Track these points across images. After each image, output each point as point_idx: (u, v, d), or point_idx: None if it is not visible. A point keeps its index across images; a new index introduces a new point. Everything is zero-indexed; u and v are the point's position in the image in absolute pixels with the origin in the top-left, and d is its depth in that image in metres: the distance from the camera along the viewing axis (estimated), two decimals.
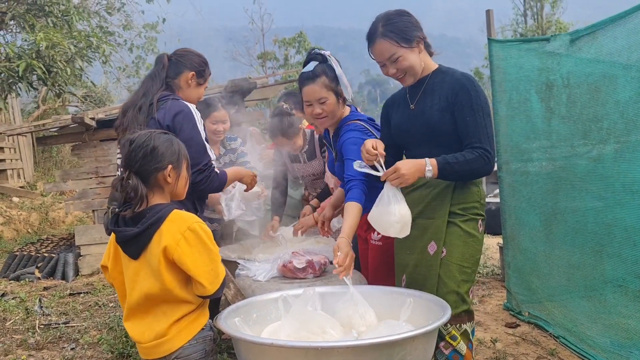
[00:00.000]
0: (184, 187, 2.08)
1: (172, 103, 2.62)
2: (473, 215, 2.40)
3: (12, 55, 6.81)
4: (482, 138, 2.29)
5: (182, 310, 1.97)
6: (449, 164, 2.26)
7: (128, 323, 2.01)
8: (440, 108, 2.36)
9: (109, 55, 9.43)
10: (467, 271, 2.37)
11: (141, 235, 1.91)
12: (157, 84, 2.70)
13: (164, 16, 14.70)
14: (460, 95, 2.32)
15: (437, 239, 2.39)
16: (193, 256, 1.89)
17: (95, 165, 6.97)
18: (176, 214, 1.95)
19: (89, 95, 15.00)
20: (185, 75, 2.76)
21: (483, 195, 2.46)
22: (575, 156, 3.60)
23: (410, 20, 2.40)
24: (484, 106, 2.32)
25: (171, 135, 2.07)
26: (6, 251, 7.99)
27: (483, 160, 2.27)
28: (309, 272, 2.66)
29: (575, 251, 3.56)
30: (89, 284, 6.22)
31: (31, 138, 12.52)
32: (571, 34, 3.61)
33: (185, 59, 2.78)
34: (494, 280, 5.38)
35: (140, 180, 1.93)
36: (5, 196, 10.61)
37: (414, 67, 2.40)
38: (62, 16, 8.31)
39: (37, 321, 4.73)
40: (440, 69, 2.47)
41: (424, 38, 2.42)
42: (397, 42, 2.35)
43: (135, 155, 1.93)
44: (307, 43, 22.28)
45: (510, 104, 4.21)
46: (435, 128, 2.38)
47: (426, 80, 2.44)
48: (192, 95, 2.81)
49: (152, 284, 1.92)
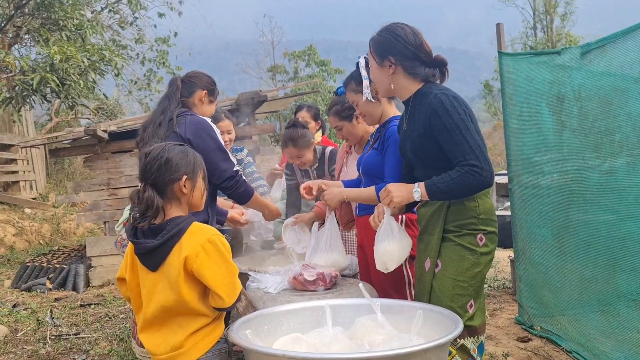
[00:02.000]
0: (201, 198, 2.09)
1: (191, 118, 2.84)
2: (469, 231, 2.36)
3: (27, 69, 6.91)
4: (466, 154, 2.21)
5: (198, 323, 1.97)
6: (435, 185, 2.26)
7: (143, 335, 2.01)
8: (419, 134, 2.35)
9: (121, 68, 9.53)
10: (463, 285, 2.34)
11: (161, 248, 1.92)
12: (174, 102, 2.92)
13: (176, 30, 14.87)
14: (433, 120, 2.28)
15: (431, 256, 2.42)
16: (212, 268, 1.90)
17: (107, 177, 7.03)
18: (196, 226, 1.96)
19: (101, 108, 15.16)
20: (199, 94, 2.99)
21: (486, 209, 2.38)
22: (587, 169, 3.59)
23: (389, 40, 2.39)
24: (459, 122, 2.23)
25: (186, 146, 2.08)
26: (18, 262, 8.05)
27: (471, 175, 2.20)
28: (319, 284, 2.65)
29: (588, 264, 3.53)
30: (100, 295, 6.25)
31: (44, 150, 12.65)
32: (582, 47, 3.61)
33: (197, 80, 3.02)
34: (505, 294, 5.34)
35: (156, 192, 1.94)
36: (18, 207, 10.71)
37: (375, 82, 2.51)
38: (76, 30, 8.44)
39: (48, 332, 4.75)
40: (420, 90, 2.41)
41: (396, 63, 2.38)
42: (371, 53, 2.45)
43: (151, 167, 1.96)
44: (316, 56, 22.42)
45: (521, 117, 4.20)
46: (420, 152, 2.39)
47: (410, 102, 2.44)
48: (206, 111, 3.04)
49: (168, 296, 1.93)
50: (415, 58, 2.39)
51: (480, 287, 2.43)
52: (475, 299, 2.40)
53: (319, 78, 20.75)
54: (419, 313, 2.08)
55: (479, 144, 2.22)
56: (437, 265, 2.40)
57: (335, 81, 21.91)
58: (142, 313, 2.00)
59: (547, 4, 26.41)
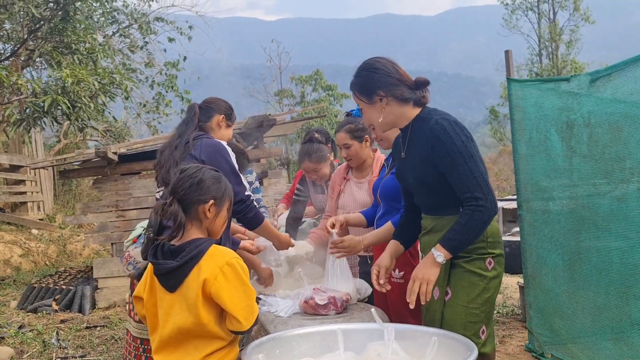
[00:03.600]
0: (221, 227, 2.09)
1: (207, 140, 2.90)
2: (478, 255, 2.35)
3: (38, 91, 7.00)
4: (470, 185, 2.21)
5: (213, 346, 1.96)
6: (451, 241, 2.23)
7: (158, 356, 1.99)
8: (421, 160, 2.33)
9: (131, 91, 9.65)
10: (475, 312, 2.32)
11: (180, 269, 1.92)
12: (191, 127, 2.99)
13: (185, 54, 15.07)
14: (436, 146, 2.26)
15: (440, 285, 2.37)
16: (230, 291, 1.90)
17: (116, 199, 7.06)
18: (215, 249, 1.97)
19: (109, 130, 15.29)
20: (216, 119, 3.07)
21: (493, 232, 2.37)
22: (598, 195, 3.58)
23: (371, 77, 2.37)
24: (463, 150, 2.22)
25: (221, 174, 2.11)
26: (24, 283, 8.04)
27: (479, 213, 2.19)
28: (330, 308, 2.64)
29: (600, 292, 3.50)
30: (106, 317, 6.22)
31: (52, 171, 12.74)
32: (591, 74, 3.64)
33: (214, 105, 3.11)
34: (515, 320, 5.28)
35: (182, 208, 1.96)
36: (25, 228, 10.74)
37: (371, 122, 2.46)
38: (88, 54, 8.56)
39: (54, 354, 4.73)
40: (420, 116, 2.40)
41: (386, 95, 2.36)
42: (357, 96, 2.44)
43: (183, 183, 1.99)
44: (323, 81, 22.66)
45: (530, 143, 4.21)
46: (421, 179, 2.37)
47: (409, 129, 2.42)
48: (224, 135, 3.11)
49: (185, 318, 1.92)
50: (400, 84, 2.37)
51: (490, 313, 2.42)
52: (487, 325, 2.39)
53: (326, 102, 20.93)
54: (434, 340, 2.06)
55: (481, 172, 2.22)
56: (447, 293, 2.36)
57: (342, 105, 22.07)
58: (159, 334, 1.99)
59: (552, 32, 26.66)
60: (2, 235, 9.74)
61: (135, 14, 13.24)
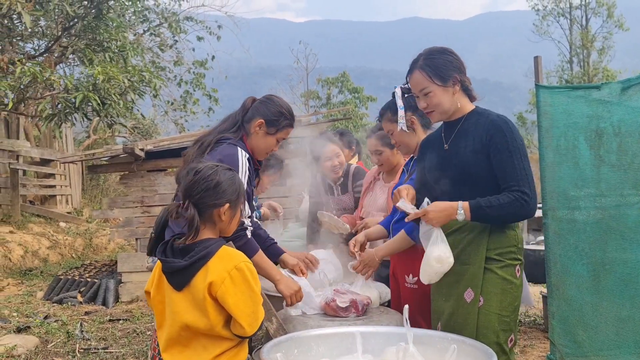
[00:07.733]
0: (235, 227, 2.08)
1: (226, 147, 2.53)
2: (510, 261, 2.34)
3: (70, 87, 7.16)
4: (521, 180, 2.24)
5: (223, 346, 1.95)
6: (481, 208, 2.23)
7: (166, 354, 1.97)
8: (474, 150, 2.33)
9: (159, 89, 9.79)
10: (506, 320, 2.31)
11: (187, 269, 1.90)
12: (228, 124, 2.65)
13: (213, 54, 15.22)
14: (496, 137, 2.29)
15: (473, 286, 2.33)
16: (236, 296, 1.87)
17: (142, 195, 7.17)
18: (224, 251, 1.95)
19: (137, 127, 15.53)
20: (256, 122, 2.63)
21: (520, 240, 2.39)
22: (626, 205, 3.51)
23: (449, 60, 2.39)
24: (521, 148, 2.29)
25: (234, 172, 2.06)
26: (51, 274, 8.22)
27: (519, 203, 2.22)
28: (351, 311, 2.63)
29: (625, 304, 3.43)
30: (128, 311, 6.32)
31: (81, 166, 12.99)
32: (622, 82, 3.57)
33: (262, 105, 2.67)
34: (536, 330, 5.21)
35: (197, 212, 1.93)
36: (53, 221, 10.97)
37: (442, 105, 2.39)
38: (119, 51, 8.72)
39: (78, 345, 4.82)
40: (476, 110, 2.44)
41: (461, 80, 2.40)
42: (430, 78, 2.37)
43: (198, 186, 1.93)
44: (349, 83, 22.64)
45: (557, 150, 4.15)
46: (468, 170, 2.35)
47: (461, 122, 2.42)
48: (260, 144, 2.66)
49: (197, 318, 1.91)
50: (465, 76, 2.44)
51: (517, 320, 2.42)
52: (515, 333, 2.38)
53: (352, 105, 20.90)
54: (453, 347, 2.05)
55: (531, 174, 2.29)
56: (479, 300, 2.33)
57: (367, 108, 22.04)
58: (167, 332, 1.97)
59: (584, 38, 26.20)
60: (31, 227, 9.98)
61: (165, 12, 13.45)
